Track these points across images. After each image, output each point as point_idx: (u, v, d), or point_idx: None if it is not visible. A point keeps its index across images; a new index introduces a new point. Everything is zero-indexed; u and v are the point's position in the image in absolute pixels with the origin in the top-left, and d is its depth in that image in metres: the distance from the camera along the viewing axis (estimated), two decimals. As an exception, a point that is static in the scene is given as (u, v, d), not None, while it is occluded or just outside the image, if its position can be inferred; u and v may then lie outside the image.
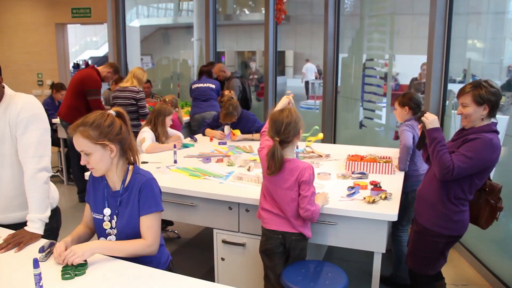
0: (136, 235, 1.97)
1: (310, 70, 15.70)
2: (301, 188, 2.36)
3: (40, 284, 1.60)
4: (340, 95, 6.04)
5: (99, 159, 1.90)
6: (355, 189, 2.76)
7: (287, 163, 2.39)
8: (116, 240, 1.99)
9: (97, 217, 2.04)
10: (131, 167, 2.02)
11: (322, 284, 2.29)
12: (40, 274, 1.59)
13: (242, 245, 2.82)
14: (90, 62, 19.36)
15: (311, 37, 18.67)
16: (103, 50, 21.46)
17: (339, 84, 6.03)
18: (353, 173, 3.16)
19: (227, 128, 4.45)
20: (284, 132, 2.35)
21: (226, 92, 4.82)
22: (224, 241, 2.86)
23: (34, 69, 8.50)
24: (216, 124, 4.63)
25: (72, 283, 1.73)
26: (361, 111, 5.76)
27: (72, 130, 1.89)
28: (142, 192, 1.94)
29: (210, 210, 2.86)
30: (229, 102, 4.42)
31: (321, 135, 3.82)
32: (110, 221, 2.00)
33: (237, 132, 4.38)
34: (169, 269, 2.08)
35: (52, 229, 2.35)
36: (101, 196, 2.03)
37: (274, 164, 2.36)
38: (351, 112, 5.99)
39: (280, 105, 2.96)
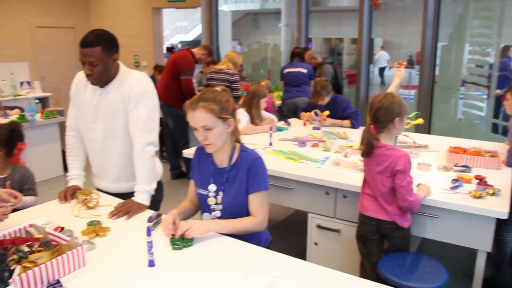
0: (241, 211, 2.01)
1: (383, 58, 15.97)
2: (396, 177, 2.29)
3: (151, 251, 1.68)
4: (438, 85, 5.76)
5: (218, 134, 1.93)
6: (459, 182, 2.62)
7: (382, 148, 2.35)
8: (220, 215, 2.04)
9: (202, 192, 2.09)
10: (238, 144, 2.06)
11: (420, 278, 2.21)
12: (151, 242, 1.67)
13: (337, 231, 2.79)
14: (179, 46, 19.99)
15: (402, 24, 17.98)
16: (192, 34, 22.05)
17: (436, 73, 5.75)
18: (455, 165, 3.00)
19: (316, 112, 4.41)
20: (374, 116, 2.32)
21: (318, 80, 4.79)
22: (318, 226, 2.85)
23: (132, 51, 8.91)
24: (311, 109, 4.59)
25: (180, 254, 1.81)
26: (460, 102, 5.47)
27: (192, 105, 1.93)
28: (251, 171, 1.97)
29: (307, 194, 2.85)
30: (318, 81, 4.42)
31: (420, 120, 3.66)
32: (215, 197, 2.05)
33: (326, 112, 4.32)
34: (268, 248, 2.10)
35: (155, 201, 2.46)
36: (206, 172, 2.09)
37: (363, 146, 2.39)
38: (448, 103, 5.70)
39: (392, 85, 2.93)
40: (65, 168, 6.21)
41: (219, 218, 2.05)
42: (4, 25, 7.80)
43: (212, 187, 2.05)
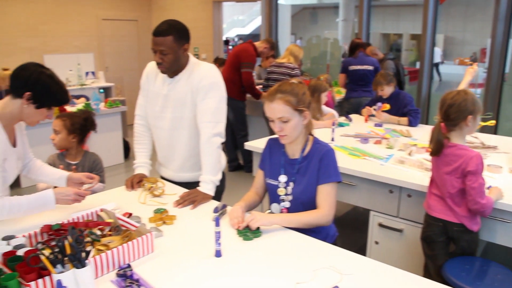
0: (311, 202, 2.00)
1: (437, 53, 15.77)
2: (467, 178, 2.19)
3: (219, 241, 1.69)
4: (507, 83, 5.48)
5: (294, 126, 1.95)
6: (534, 186, 2.49)
7: (452, 148, 2.26)
8: (290, 206, 2.04)
9: (272, 183, 2.10)
10: (311, 137, 2.07)
11: (490, 285, 2.10)
12: (219, 232, 1.68)
13: (400, 230, 2.71)
14: (236, 39, 20.15)
15: (465, 20, 17.28)
16: (249, 28, 22.15)
17: (506, 71, 5.47)
18: (529, 168, 2.85)
19: (377, 106, 4.32)
20: (446, 113, 2.24)
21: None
22: (380, 225, 2.79)
23: (192, 44, 8.97)
24: (373, 105, 4.49)
25: (246, 245, 1.81)
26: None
27: (270, 96, 1.95)
28: (323, 161, 1.97)
29: (370, 191, 2.80)
30: (380, 72, 4.38)
31: (492, 122, 3.49)
32: (285, 187, 2.05)
33: (387, 106, 4.21)
34: (335, 243, 2.07)
35: (218, 192, 2.47)
36: (277, 163, 2.09)
37: (433, 145, 2.31)
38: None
39: (462, 83, 2.82)
40: (126, 156, 6.45)
41: (288, 209, 2.05)
42: (73, 18, 8.12)
43: (283, 178, 2.06)
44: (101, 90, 6.85)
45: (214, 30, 8.74)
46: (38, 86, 1.87)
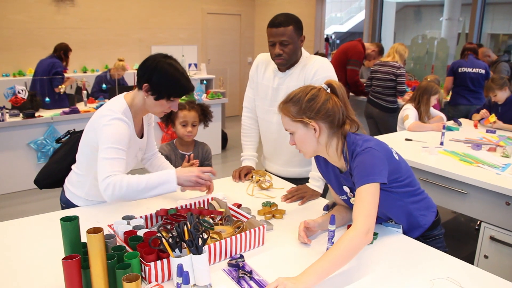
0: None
1: None
2: None
3: (332, 240, 1.66)
4: None
5: (301, 140, 1.70)
6: None
7: None
8: None
9: (342, 198, 1.89)
10: (345, 141, 1.72)
11: None
12: (334, 231, 1.64)
13: (514, 247, 2.53)
14: (333, 37, 19.90)
15: None
16: (347, 26, 21.80)
17: None
18: None
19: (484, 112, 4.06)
20: None
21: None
22: (492, 238, 2.60)
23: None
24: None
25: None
26: None
27: (279, 107, 1.74)
28: (354, 164, 1.65)
29: (483, 201, 2.62)
30: (492, 75, 4.14)
31: None
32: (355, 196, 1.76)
33: (492, 117, 3.91)
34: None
35: (323, 189, 2.42)
36: (335, 176, 1.86)
37: None
38: None
39: None
40: (223, 147, 6.62)
41: None
42: (180, 12, 8.48)
43: (346, 188, 1.83)
44: (205, 82, 7.08)
45: (316, 26, 8.69)
46: (154, 77, 1.88)
